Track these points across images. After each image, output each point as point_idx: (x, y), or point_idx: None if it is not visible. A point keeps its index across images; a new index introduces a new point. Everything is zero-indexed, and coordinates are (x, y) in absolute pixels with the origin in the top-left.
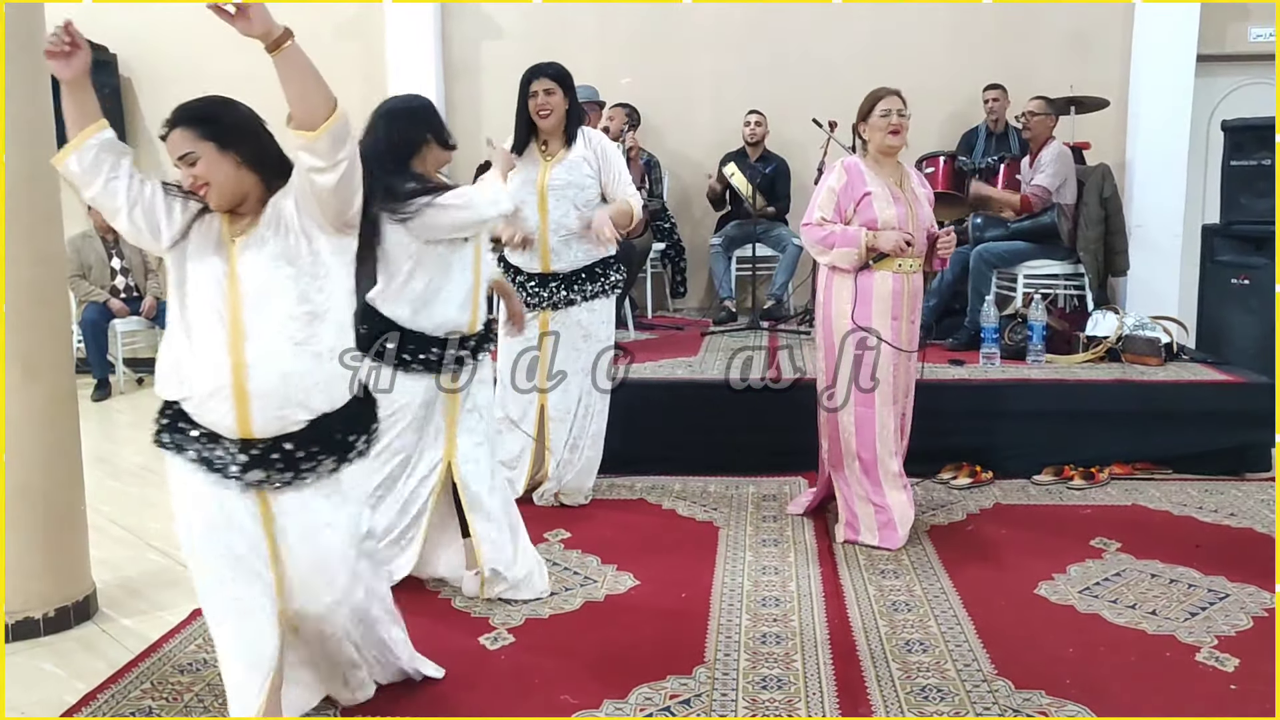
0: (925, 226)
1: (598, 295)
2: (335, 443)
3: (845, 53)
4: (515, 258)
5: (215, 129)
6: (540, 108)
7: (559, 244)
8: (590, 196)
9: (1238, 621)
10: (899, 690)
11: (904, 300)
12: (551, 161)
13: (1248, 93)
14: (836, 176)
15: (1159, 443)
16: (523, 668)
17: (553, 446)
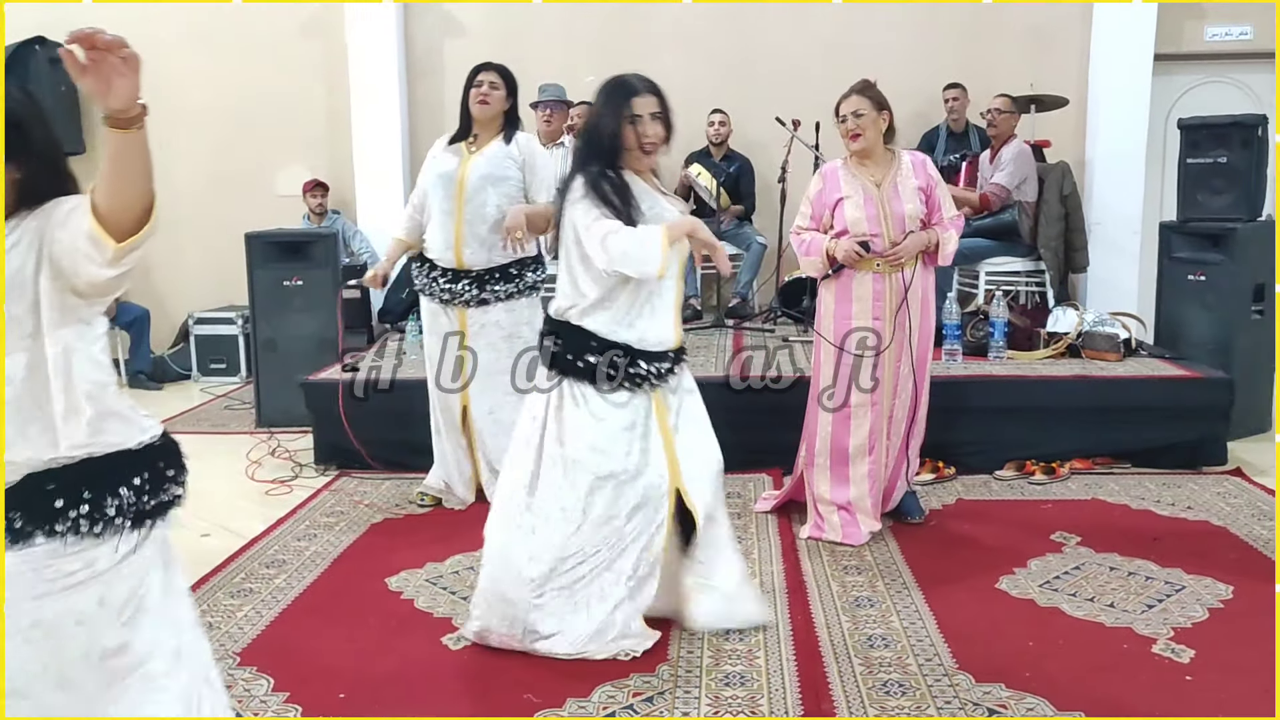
0: (904, 223)
1: (515, 295)
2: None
3: (808, 52)
4: (429, 250)
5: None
6: (482, 97)
7: (474, 239)
8: (511, 191)
9: (1194, 613)
10: (861, 685)
11: (886, 300)
12: (475, 154)
13: (1204, 91)
14: (814, 184)
15: (1118, 437)
16: (486, 668)
17: (481, 450)
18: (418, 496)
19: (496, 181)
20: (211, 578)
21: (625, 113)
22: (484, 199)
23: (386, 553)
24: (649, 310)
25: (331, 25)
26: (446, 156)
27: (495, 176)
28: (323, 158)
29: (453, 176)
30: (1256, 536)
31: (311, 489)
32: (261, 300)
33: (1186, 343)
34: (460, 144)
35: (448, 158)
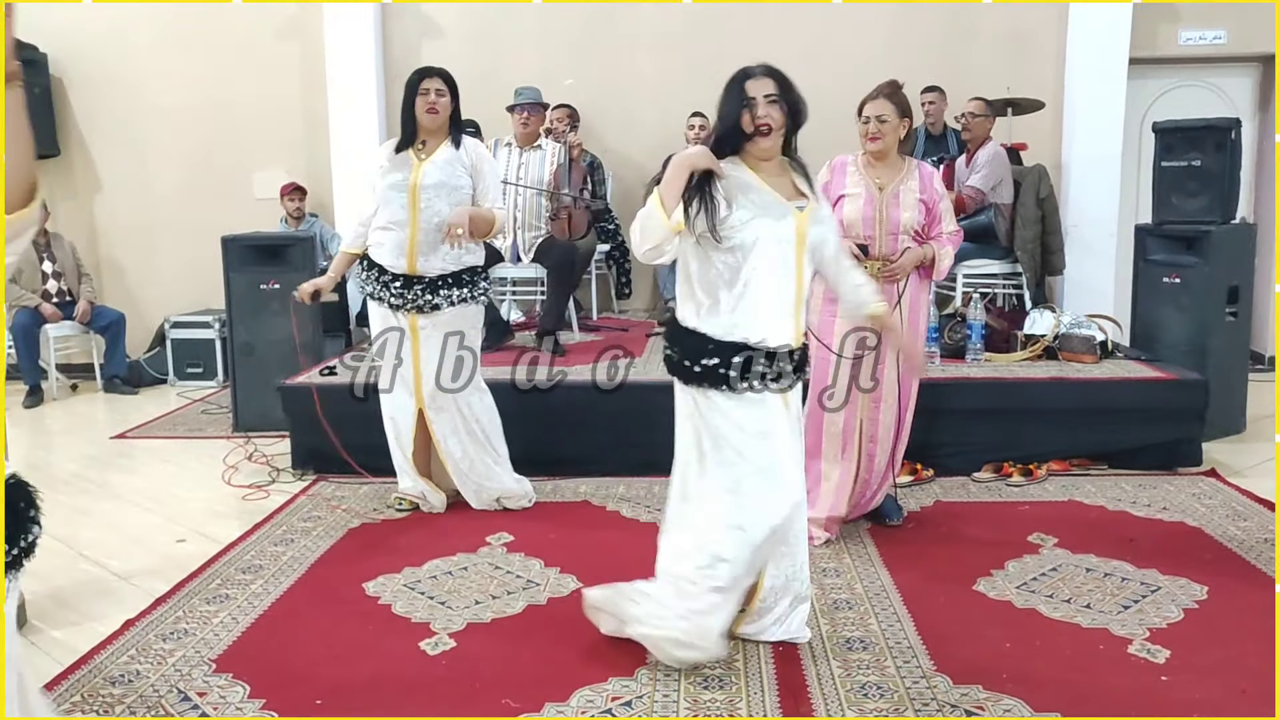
0: (899, 230)
1: (466, 301)
2: None
3: (785, 54)
4: (379, 255)
5: None
6: (430, 106)
7: (426, 246)
8: (462, 199)
9: (1169, 614)
10: (839, 688)
11: None
12: (425, 161)
13: (1179, 95)
14: (823, 174)
15: (1095, 439)
16: (463, 672)
17: (445, 454)
18: (395, 501)
19: (450, 190)
20: (187, 584)
21: (741, 98)
22: (437, 207)
23: (364, 557)
24: (748, 305)
25: (309, 27)
26: (397, 165)
27: (449, 185)
28: (300, 160)
29: (405, 185)
30: (1231, 537)
31: (289, 494)
32: (238, 304)
33: (1162, 344)
34: (407, 151)
35: (398, 166)
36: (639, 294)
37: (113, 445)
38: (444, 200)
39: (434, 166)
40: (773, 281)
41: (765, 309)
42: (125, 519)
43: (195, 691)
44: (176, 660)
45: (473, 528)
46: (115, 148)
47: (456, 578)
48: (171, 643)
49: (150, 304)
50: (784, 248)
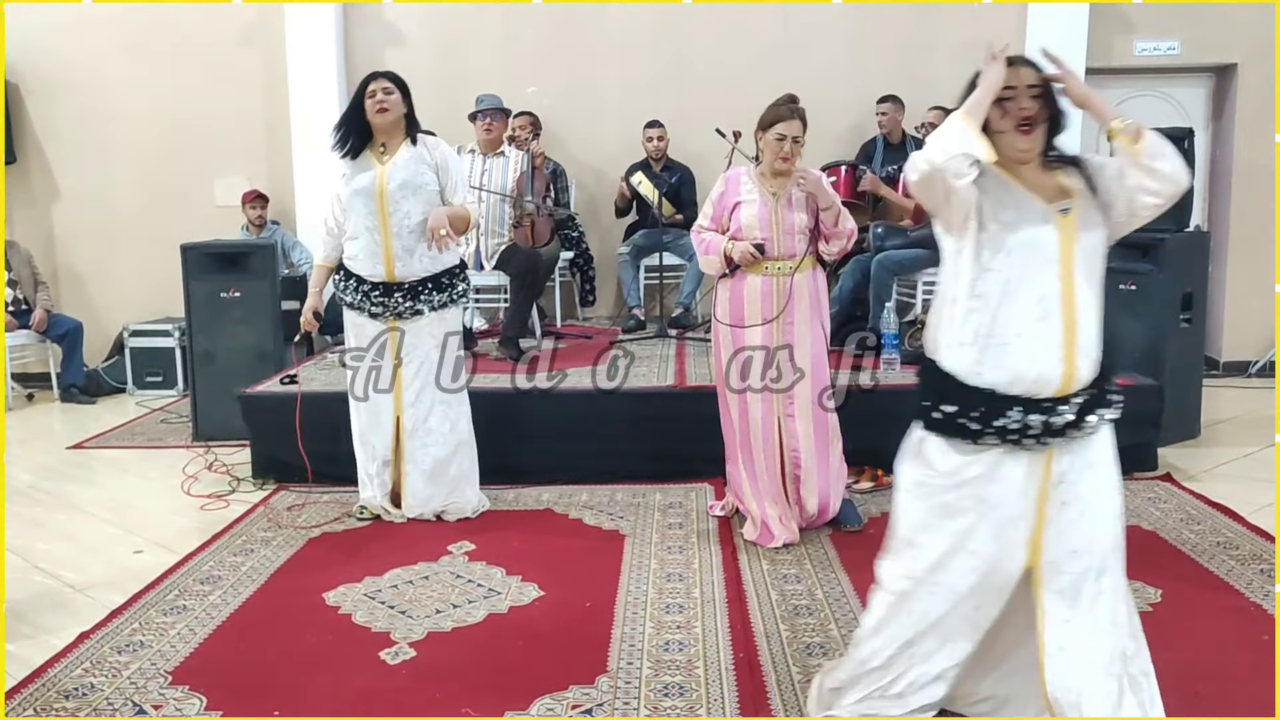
0: (794, 231)
1: (447, 304)
2: None
3: (748, 62)
4: (356, 266)
5: None
6: (379, 105)
7: (403, 250)
8: (431, 197)
9: None
10: (799, 694)
11: (773, 301)
12: (387, 163)
13: (1134, 105)
14: (718, 186)
15: None
16: (423, 682)
17: (413, 462)
18: (357, 510)
19: (416, 189)
20: (144, 595)
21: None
22: (407, 209)
23: (324, 567)
24: (1009, 325)
25: (270, 34)
26: (357, 169)
27: (414, 184)
28: (261, 168)
29: (371, 189)
30: (1185, 541)
31: (249, 503)
32: (198, 312)
33: (1118, 351)
34: (366, 154)
35: (360, 171)
36: (603, 301)
37: (69, 455)
38: (412, 200)
39: (397, 167)
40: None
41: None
42: (81, 530)
43: (151, 704)
44: (132, 673)
45: (435, 536)
46: (73, 154)
47: (418, 587)
48: (127, 655)
49: (109, 312)
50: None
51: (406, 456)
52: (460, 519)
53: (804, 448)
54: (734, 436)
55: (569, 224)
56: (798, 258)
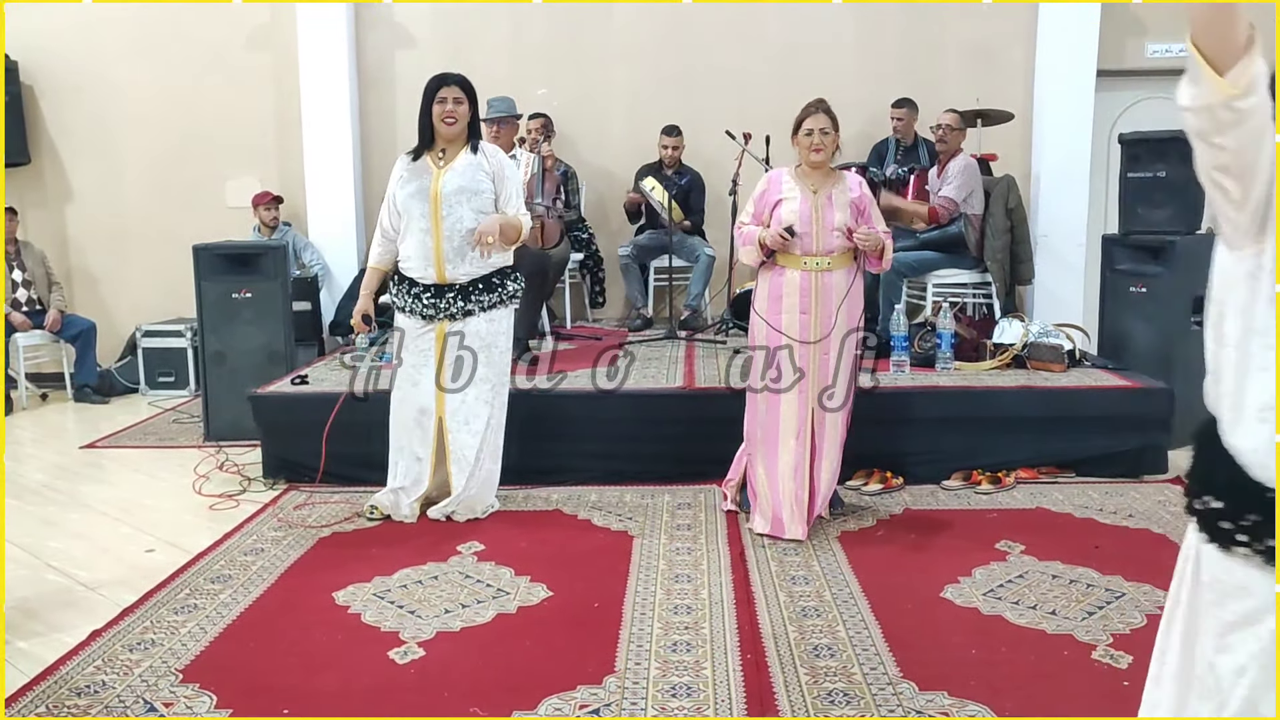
0: (835, 230)
1: (496, 305)
2: None
3: (757, 66)
4: (409, 269)
5: None
6: (448, 115)
7: (454, 253)
8: (486, 204)
9: (1132, 620)
10: (806, 695)
11: (812, 296)
12: (445, 169)
13: (1146, 107)
14: (760, 185)
15: (1063, 447)
16: (431, 682)
17: (455, 460)
18: (367, 510)
19: (471, 195)
20: (155, 594)
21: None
22: (460, 213)
23: (334, 567)
24: None
25: (282, 36)
26: (415, 174)
27: (469, 190)
28: (273, 169)
29: (426, 193)
30: None
31: (259, 503)
32: (210, 313)
33: (1128, 353)
34: (425, 158)
35: (417, 175)
36: (612, 303)
37: (82, 455)
38: (466, 205)
39: (454, 173)
40: None
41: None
42: (93, 529)
43: (162, 702)
44: (143, 671)
45: (444, 536)
46: (86, 156)
47: (427, 587)
48: (138, 653)
49: (121, 312)
50: None
51: (452, 457)
52: (470, 519)
53: (829, 438)
54: (758, 429)
55: (579, 226)
56: (835, 254)
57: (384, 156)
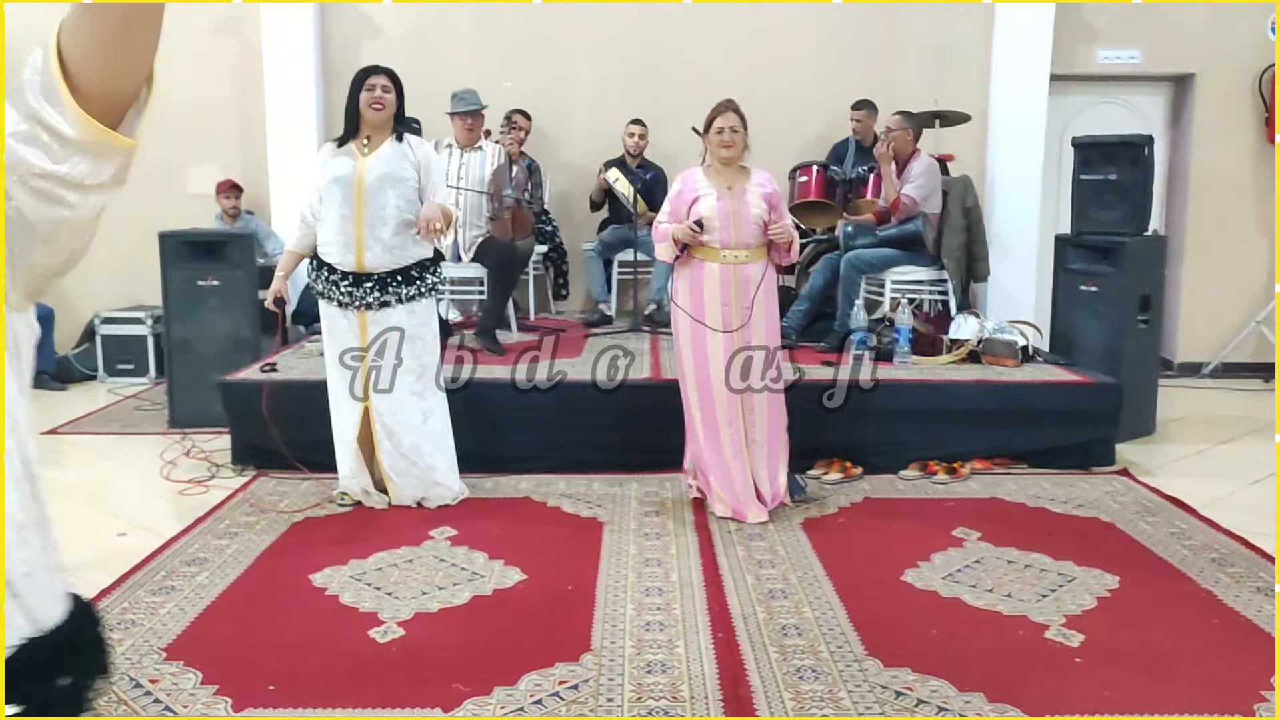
0: (748, 221)
1: (415, 298)
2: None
3: (721, 63)
4: (327, 254)
5: None
6: (375, 101)
7: (374, 242)
8: (408, 193)
9: (1083, 602)
10: (776, 671)
11: (731, 288)
12: (369, 155)
13: (1098, 111)
14: (675, 185)
15: (1015, 439)
16: (413, 659)
17: (383, 451)
18: (338, 496)
19: (395, 182)
20: (131, 575)
21: None
22: (383, 200)
23: (309, 550)
24: None
25: (246, 24)
26: (339, 160)
27: (393, 177)
28: (236, 158)
29: (350, 180)
30: (1141, 532)
31: (229, 489)
32: (176, 300)
33: (1079, 350)
34: (350, 146)
35: (341, 161)
36: (575, 295)
37: (43, 440)
38: (389, 193)
39: (378, 160)
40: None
41: None
42: (62, 514)
43: (148, 679)
44: (126, 649)
45: (416, 522)
46: None
47: (402, 570)
48: (120, 632)
49: (79, 299)
50: None
51: (378, 447)
52: (441, 506)
53: (760, 422)
54: (697, 419)
55: (543, 218)
56: (752, 247)
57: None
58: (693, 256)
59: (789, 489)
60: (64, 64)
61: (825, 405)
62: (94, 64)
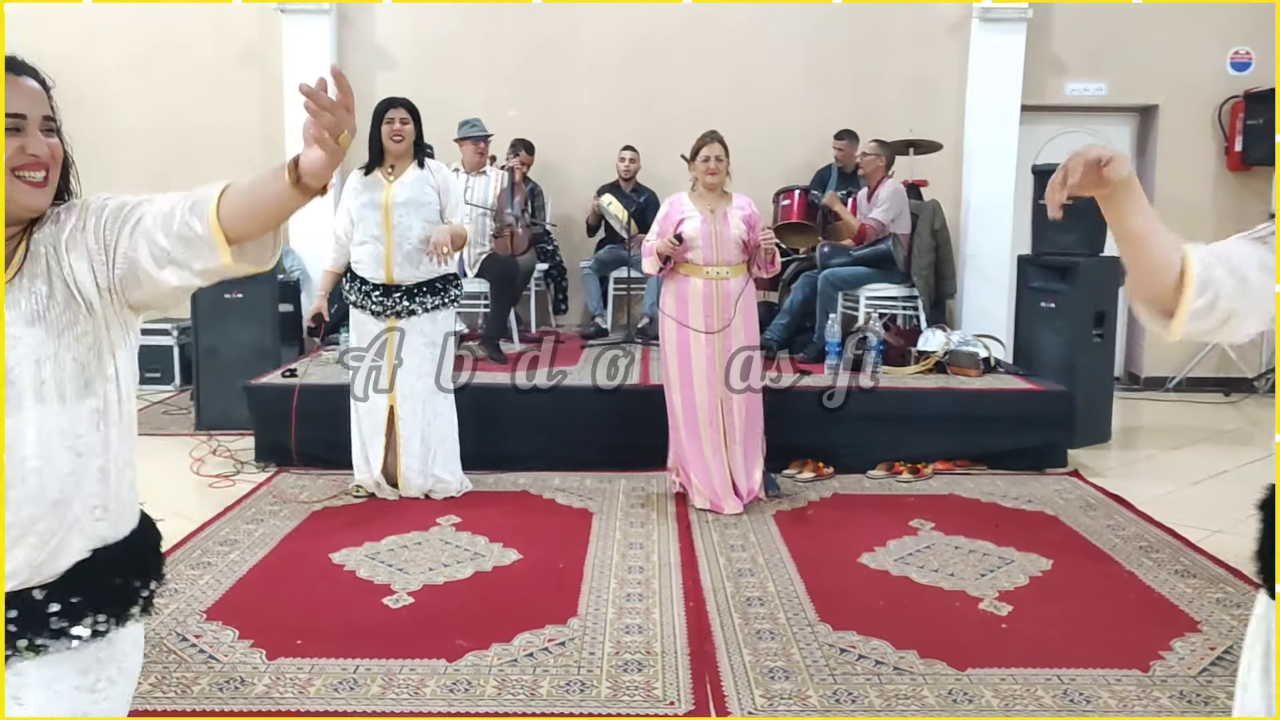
0: (730, 241)
1: (438, 307)
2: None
3: (712, 96)
4: (361, 269)
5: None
6: (395, 134)
7: (402, 258)
8: (431, 214)
9: (1017, 580)
10: (738, 633)
11: (714, 301)
12: (394, 182)
13: (1066, 140)
14: (664, 208)
15: (975, 441)
16: (421, 621)
17: (404, 444)
18: (353, 489)
19: (419, 206)
20: (171, 553)
21: None
22: (409, 222)
23: (328, 534)
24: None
25: (268, 57)
26: (367, 186)
27: (417, 201)
28: None
29: (378, 203)
30: (1081, 524)
31: (254, 483)
32: (204, 313)
33: (1039, 361)
34: (376, 173)
35: (369, 187)
36: (574, 310)
37: None
38: (414, 215)
39: (403, 186)
40: None
41: None
42: None
43: (192, 635)
44: (172, 611)
45: (424, 511)
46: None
47: (412, 550)
48: (164, 599)
49: None
50: None
51: (401, 443)
52: (446, 497)
53: (738, 423)
54: (679, 420)
55: (545, 238)
56: (733, 264)
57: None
58: (678, 272)
59: (764, 485)
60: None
61: (825, 405)
62: (242, 226)
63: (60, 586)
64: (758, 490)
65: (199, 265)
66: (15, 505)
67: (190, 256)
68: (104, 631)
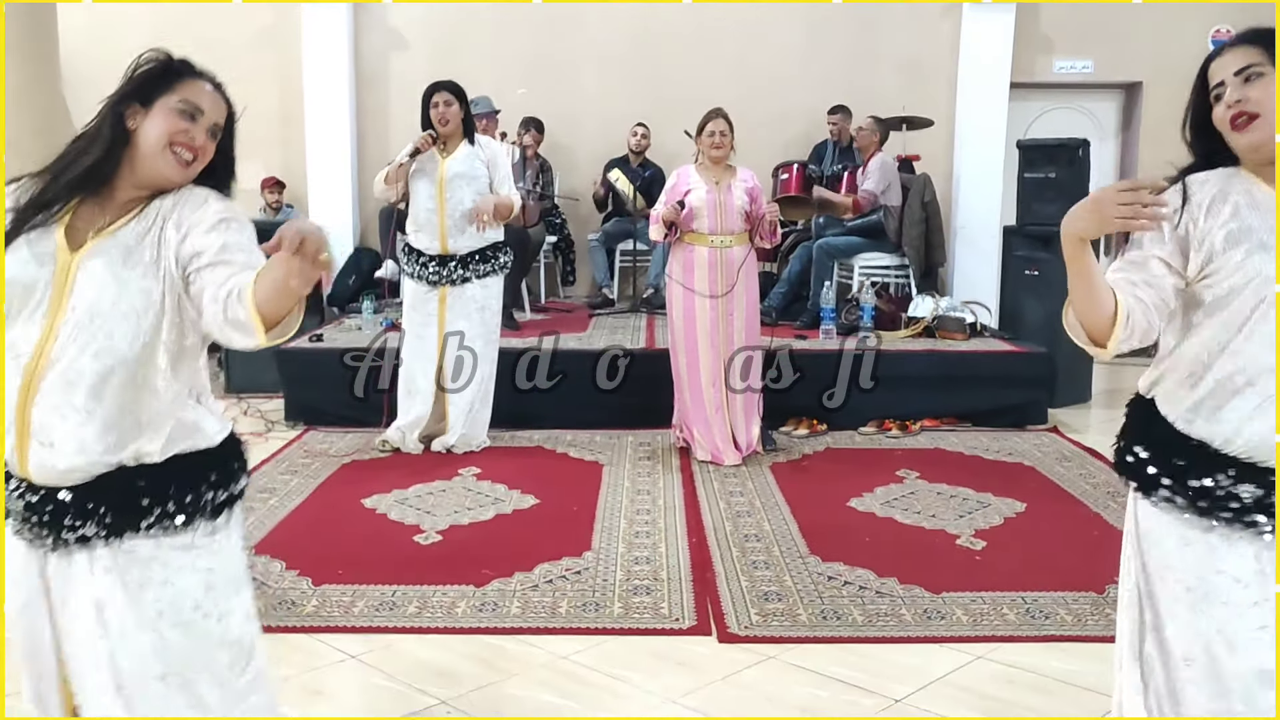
0: (733, 212)
1: (490, 274)
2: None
3: (714, 73)
4: (417, 241)
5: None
6: (441, 117)
7: (454, 228)
8: (482, 186)
9: (993, 520)
10: (737, 564)
11: (719, 268)
12: (448, 158)
13: (1054, 116)
14: (671, 179)
15: (961, 401)
16: (450, 554)
17: (452, 402)
18: (380, 444)
19: (470, 179)
20: None
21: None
22: (461, 195)
23: (359, 483)
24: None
25: (287, 38)
26: (423, 161)
27: (468, 175)
28: (277, 157)
29: (433, 177)
30: (1055, 473)
31: (285, 439)
32: None
33: (1023, 326)
34: (433, 150)
35: (425, 162)
36: (582, 281)
37: None
38: (466, 188)
39: (455, 161)
40: None
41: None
42: None
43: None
44: None
45: (447, 463)
46: None
47: (437, 496)
48: None
49: None
50: None
51: (449, 400)
52: (467, 451)
53: (738, 384)
54: (684, 379)
55: (553, 212)
56: (736, 234)
57: (378, 149)
58: (685, 241)
59: (761, 440)
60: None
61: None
62: (272, 307)
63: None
64: (755, 444)
65: (239, 342)
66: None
67: (231, 333)
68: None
